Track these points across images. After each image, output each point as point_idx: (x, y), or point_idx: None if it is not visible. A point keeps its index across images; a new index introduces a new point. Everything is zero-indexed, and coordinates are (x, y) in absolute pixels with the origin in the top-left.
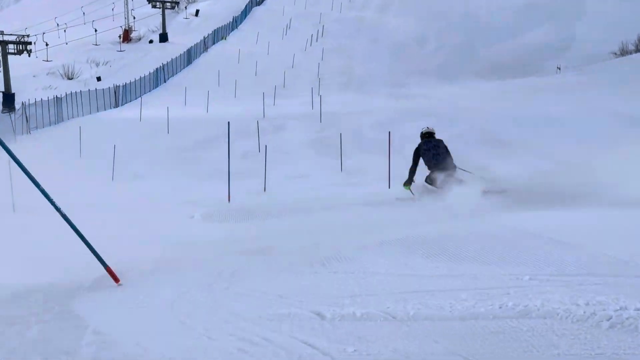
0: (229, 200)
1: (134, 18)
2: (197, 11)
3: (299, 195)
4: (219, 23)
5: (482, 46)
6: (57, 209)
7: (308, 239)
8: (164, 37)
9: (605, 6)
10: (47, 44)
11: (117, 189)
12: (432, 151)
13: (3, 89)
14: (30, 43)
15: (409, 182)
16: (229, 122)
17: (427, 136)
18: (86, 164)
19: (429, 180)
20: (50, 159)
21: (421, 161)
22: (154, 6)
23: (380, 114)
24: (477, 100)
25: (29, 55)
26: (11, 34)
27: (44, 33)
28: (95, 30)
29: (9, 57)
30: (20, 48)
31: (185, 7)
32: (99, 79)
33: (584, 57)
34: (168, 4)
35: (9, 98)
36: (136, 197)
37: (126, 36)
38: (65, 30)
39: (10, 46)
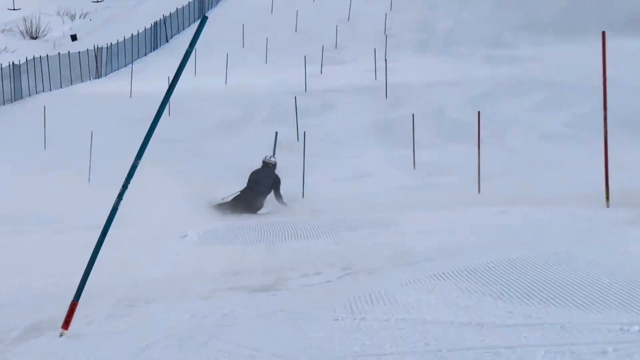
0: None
1: None
2: None
3: (350, 204)
4: None
5: None
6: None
7: (336, 270)
8: None
9: None
10: None
11: (93, 195)
12: None
13: None
14: None
15: None
16: (276, 133)
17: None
18: (52, 159)
19: None
20: (0, 152)
21: None
22: None
23: (473, 87)
24: (613, 66)
25: None
26: None
27: None
28: None
29: None
30: None
31: None
32: (73, 37)
33: None
34: None
35: None
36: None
37: None
38: None
39: None
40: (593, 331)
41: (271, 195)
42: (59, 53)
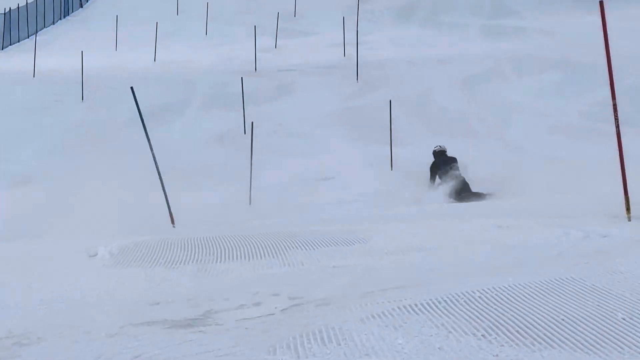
0: (172, 222)
1: None
2: None
3: (307, 214)
4: None
5: None
6: None
7: (282, 300)
8: None
9: None
10: None
11: None
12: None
13: None
14: None
15: None
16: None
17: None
18: None
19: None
20: None
21: None
22: None
23: (467, 66)
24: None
25: None
26: None
27: None
28: None
29: None
30: None
31: None
32: None
33: None
34: None
35: None
36: (12, 219)
37: None
38: None
39: None
40: None
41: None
42: None
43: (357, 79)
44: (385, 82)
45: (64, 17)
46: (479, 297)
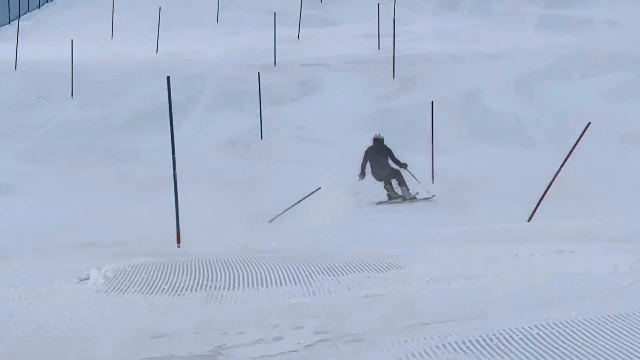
0: (177, 241)
1: None
2: None
3: (334, 234)
4: None
5: None
6: None
7: (306, 334)
8: None
9: None
10: None
11: None
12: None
13: None
14: None
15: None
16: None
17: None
18: None
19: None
20: None
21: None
22: None
23: (522, 63)
24: None
25: None
26: None
27: None
28: None
29: None
30: None
31: None
32: None
33: None
34: None
35: None
36: None
37: None
38: None
39: None
40: None
41: None
42: None
43: (393, 76)
44: (426, 81)
45: (49, 0)
46: (537, 334)
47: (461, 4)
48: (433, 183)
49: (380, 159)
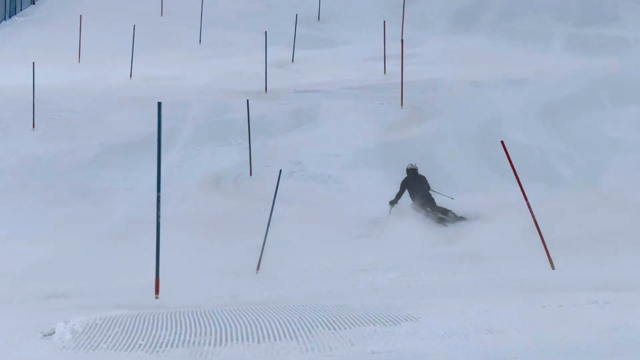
0: (156, 292)
1: None
2: None
3: (337, 283)
4: None
5: None
6: None
7: None
8: None
9: None
10: None
11: None
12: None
13: None
14: None
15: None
16: None
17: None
18: None
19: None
20: None
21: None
22: None
23: (548, 89)
24: None
25: None
26: None
27: None
28: None
29: None
30: None
31: None
32: None
33: None
34: None
35: None
36: None
37: None
38: None
39: None
40: None
41: None
42: None
43: (401, 104)
44: (438, 109)
45: (10, 16)
46: None
47: (478, 21)
48: (447, 226)
49: (423, 187)
